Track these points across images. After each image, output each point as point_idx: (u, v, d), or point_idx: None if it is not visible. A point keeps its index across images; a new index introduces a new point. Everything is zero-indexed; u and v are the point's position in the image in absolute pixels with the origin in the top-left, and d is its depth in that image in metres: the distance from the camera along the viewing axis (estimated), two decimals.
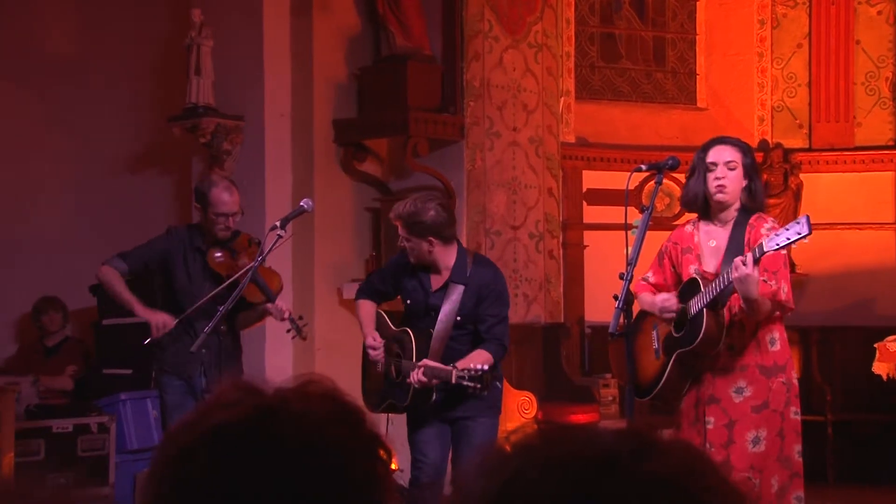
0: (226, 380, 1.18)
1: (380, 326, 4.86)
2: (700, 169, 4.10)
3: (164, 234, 5.13)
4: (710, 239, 4.13)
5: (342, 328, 6.87)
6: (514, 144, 7.58)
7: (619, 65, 8.78)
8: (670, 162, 4.09)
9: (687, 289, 4.07)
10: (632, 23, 8.84)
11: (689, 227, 4.22)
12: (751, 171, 4.12)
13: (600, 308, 7.28)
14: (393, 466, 1.21)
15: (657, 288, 4.26)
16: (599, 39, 8.74)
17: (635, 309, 3.97)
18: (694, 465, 0.90)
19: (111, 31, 8.13)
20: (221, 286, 4.75)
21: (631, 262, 3.90)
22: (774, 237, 3.72)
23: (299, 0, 7.26)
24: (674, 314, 4.07)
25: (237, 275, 4.76)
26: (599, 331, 7.78)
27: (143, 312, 4.86)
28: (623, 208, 4.14)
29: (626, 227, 4.06)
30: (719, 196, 4.05)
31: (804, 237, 3.66)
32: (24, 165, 8.03)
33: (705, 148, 4.14)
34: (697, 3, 8.85)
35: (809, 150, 8.46)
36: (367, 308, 4.88)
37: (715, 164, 4.06)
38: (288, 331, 4.91)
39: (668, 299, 4.10)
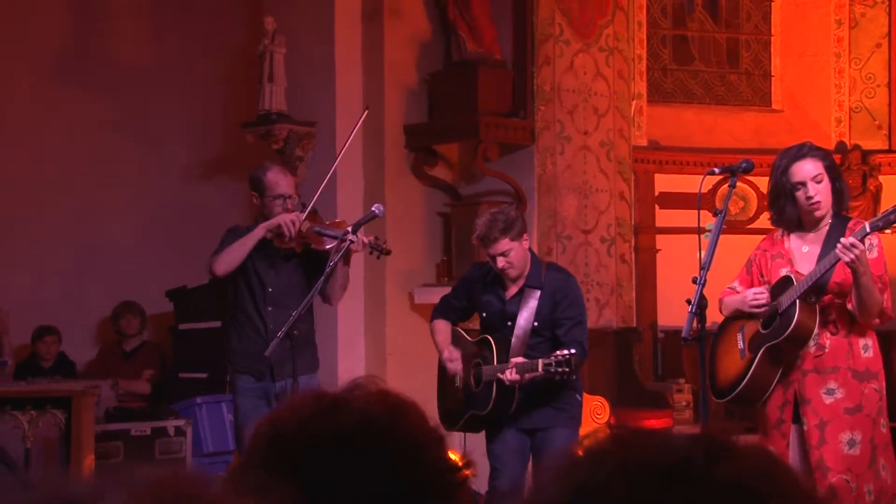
0: (297, 391, 1.23)
1: (456, 341, 4.84)
2: (785, 191, 4.01)
3: (231, 231, 5.08)
4: (803, 245, 4.07)
5: (414, 333, 6.88)
6: (584, 148, 7.54)
7: (692, 67, 8.69)
8: (744, 165, 4.03)
9: (779, 287, 4.00)
10: (705, 24, 8.74)
11: (778, 235, 4.14)
12: (833, 173, 4.05)
13: (673, 312, 7.19)
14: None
15: None
16: (672, 42, 8.66)
17: (709, 313, 3.91)
18: (769, 471, 0.89)
19: (185, 39, 8.27)
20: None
21: (704, 267, 3.85)
22: (879, 218, 3.68)
23: (371, 6, 7.31)
24: (765, 307, 4.00)
25: (301, 237, 4.76)
26: (672, 335, 7.70)
27: (269, 222, 4.84)
28: (696, 212, 4.09)
29: (700, 230, 4.01)
30: (818, 213, 4.00)
31: None
32: (102, 173, 8.19)
33: (784, 168, 4.02)
34: (773, 3, 8.72)
35: (889, 151, 8.28)
36: (442, 326, 4.85)
37: (803, 182, 3.97)
38: (371, 253, 4.84)
39: (760, 292, 4.03)
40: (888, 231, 3.76)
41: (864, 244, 3.73)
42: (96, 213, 8.20)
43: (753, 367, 3.99)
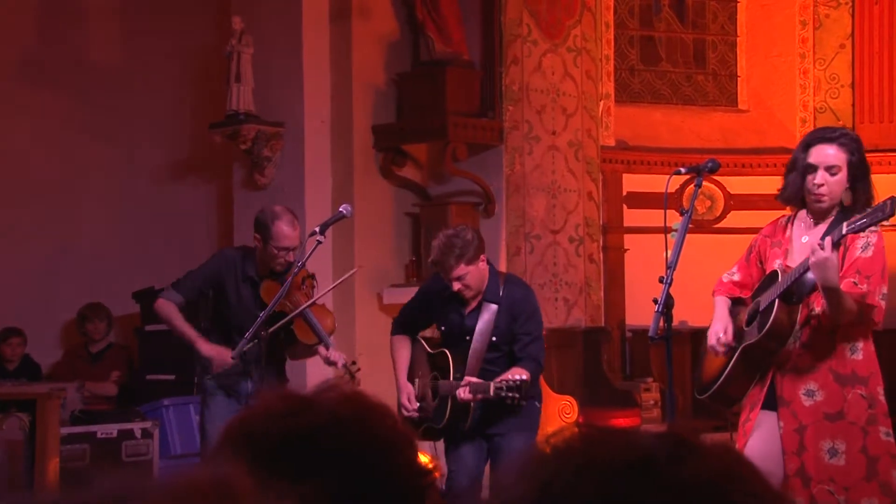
0: (268, 390, 1.22)
1: (416, 354, 4.86)
2: (799, 167, 3.77)
3: (216, 257, 5.05)
4: (804, 235, 3.83)
5: (383, 333, 6.83)
6: (553, 148, 7.56)
7: (659, 67, 8.73)
8: (710, 165, 3.98)
9: (766, 282, 3.82)
10: (671, 25, 8.79)
11: (782, 221, 3.93)
12: (858, 170, 3.73)
13: (641, 312, 7.23)
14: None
15: (741, 286, 4.01)
16: (639, 42, 8.70)
17: (675, 313, 3.89)
18: (734, 470, 0.89)
19: (153, 40, 8.22)
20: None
21: (670, 266, 3.83)
22: (855, 220, 3.47)
23: (338, 7, 7.30)
24: (723, 350, 3.85)
25: (291, 315, 4.70)
26: (640, 334, 7.73)
27: (204, 348, 4.79)
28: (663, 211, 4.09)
29: (666, 230, 4.00)
30: (818, 205, 3.76)
31: (886, 218, 3.42)
32: (69, 173, 8.13)
33: (807, 144, 3.79)
34: (738, 4, 8.79)
35: None
36: (401, 350, 4.84)
37: (815, 166, 3.73)
38: (344, 374, 4.90)
39: (722, 334, 3.86)
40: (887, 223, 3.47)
41: (842, 245, 3.54)
42: (64, 213, 8.13)
43: (730, 366, 3.85)
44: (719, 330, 3.89)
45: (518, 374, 4.39)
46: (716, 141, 8.43)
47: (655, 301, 3.79)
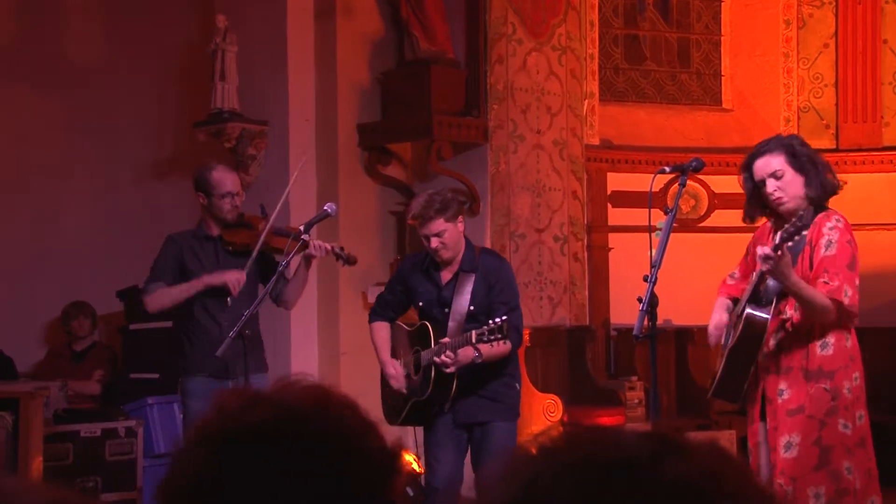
0: (225, 390, 1.20)
1: (396, 335, 4.85)
2: (749, 190, 3.99)
3: (167, 242, 5.07)
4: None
5: (367, 332, 6.85)
6: (538, 147, 7.57)
7: (644, 66, 8.75)
8: (694, 163, 4.03)
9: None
10: (656, 24, 8.81)
11: (770, 223, 4.08)
12: (800, 162, 3.89)
13: (625, 310, 7.25)
14: (417, 469, 1.23)
15: (742, 283, 4.13)
16: (623, 41, 8.71)
17: (660, 311, 3.91)
18: (717, 470, 0.89)
19: (136, 37, 8.18)
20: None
21: (655, 265, 3.86)
22: (785, 230, 3.60)
23: (323, 5, 7.29)
24: (714, 343, 4.04)
25: (262, 237, 4.75)
26: (625, 333, 7.75)
27: (213, 278, 4.81)
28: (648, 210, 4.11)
29: (651, 229, 4.02)
30: (783, 209, 3.90)
31: (805, 227, 3.58)
32: (52, 172, 8.09)
33: (746, 167, 3.98)
34: (722, 3, 8.81)
35: (837, 150, 8.39)
36: (381, 332, 4.85)
37: (763, 180, 3.91)
38: (337, 259, 4.86)
39: (716, 327, 4.05)
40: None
41: (786, 249, 3.63)
42: (46, 211, 8.09)
43: (721, 366, 3.99)
44: (714, 321, 4.07)
45: (497, 318, 4.33)
46: (700, 140, 8.45)
47: (640, 300, 3.82)
